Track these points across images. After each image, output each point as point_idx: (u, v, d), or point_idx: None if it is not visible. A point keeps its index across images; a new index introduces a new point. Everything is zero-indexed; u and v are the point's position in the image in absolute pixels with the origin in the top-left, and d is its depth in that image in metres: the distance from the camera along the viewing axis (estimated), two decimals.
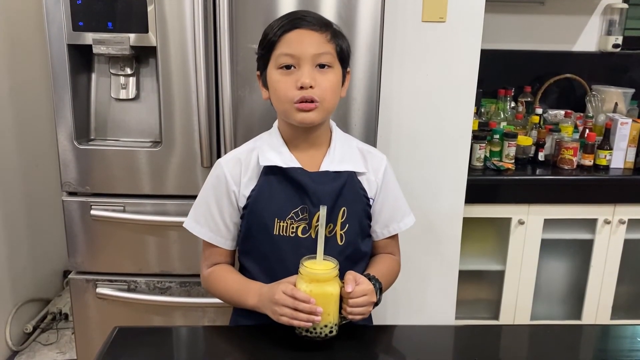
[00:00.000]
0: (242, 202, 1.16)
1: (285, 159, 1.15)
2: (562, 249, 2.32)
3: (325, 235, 1.14)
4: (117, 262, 1.81)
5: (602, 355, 1.06)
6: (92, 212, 1.73)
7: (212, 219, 1.18)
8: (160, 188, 1.74)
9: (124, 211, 1.75)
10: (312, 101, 1.08)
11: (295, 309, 0.99)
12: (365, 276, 1.07)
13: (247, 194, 1.15)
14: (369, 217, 1.21)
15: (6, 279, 2.35)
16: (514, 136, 2.26)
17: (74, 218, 1.75)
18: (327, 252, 1.04)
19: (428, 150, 1.90)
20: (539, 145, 2.32)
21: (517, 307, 2.29)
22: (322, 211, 1.02)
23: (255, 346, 1.06)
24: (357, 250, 1.18)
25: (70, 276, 1.81)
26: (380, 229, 1.24)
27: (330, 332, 1.03)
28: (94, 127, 1.78)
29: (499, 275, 2.27)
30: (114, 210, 1.74)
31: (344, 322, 1.06)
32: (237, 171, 1.17)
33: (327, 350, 1.04)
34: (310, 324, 1.00)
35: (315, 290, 1.00)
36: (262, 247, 1.15)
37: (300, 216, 1.13)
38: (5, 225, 2.34)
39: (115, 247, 1.79)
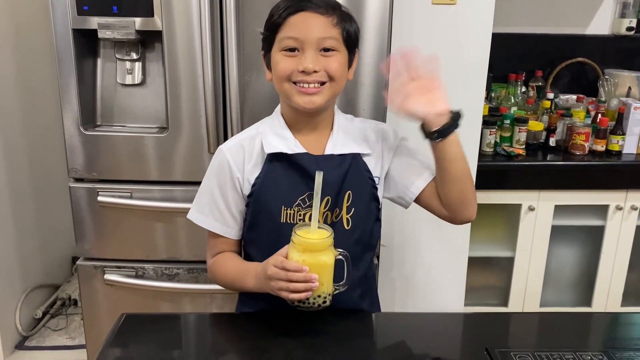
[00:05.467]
0: (247, 190, 1.14)
1: (290, 144, 1.13)
2: (572, 236, 2.30)
3: (332, 220, 1.12)
4: (125, 248, 1.80)
5: (613, 343, 1.04)
6: (99, 198, 1.73)
7: (216, 207, 1.16)
8: (167, 174, 1.73)
9: (131, 197, 1.74)
10: (316, 85, 1.06)
11: (290, 281, 0.96)
12: None
13: (252, 181, 1.13)
14: (377, 200, 1.18)
15: (15, 264, 2.36)
16: (524, 121, 2.23)
17: (81, 204, 1.75)
18: (334, 237, 1.01)
19: None
20: (550, 130, 2.29)
21: (526, 293, 2.28)
22: (318, 177, 0.98)
23: (261, 333, 1.05)
24: (365, 234, 1.16)
25: (78, 262, 1.82)
26: (418, 182, 1.17)
27: (324, 302, 1.01)
28: (100, 112, 1.77)
29: (509, 262, 2.26)
30: (120, 197, 1.73)
31: (337, 291, 1.03)
32: (241, 158, 1.14)
33: (334, 337, 1.03)
34: (310, 293, 0.97)
35: (309, 260, 0.96)
36: (268, 236, 1.13)
37: (308, 203, 1.11)
38: (14, 210, 2.34)
39: (122, 234, 1.78)
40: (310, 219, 1.07)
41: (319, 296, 1.00)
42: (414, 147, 1.21)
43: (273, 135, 1.14)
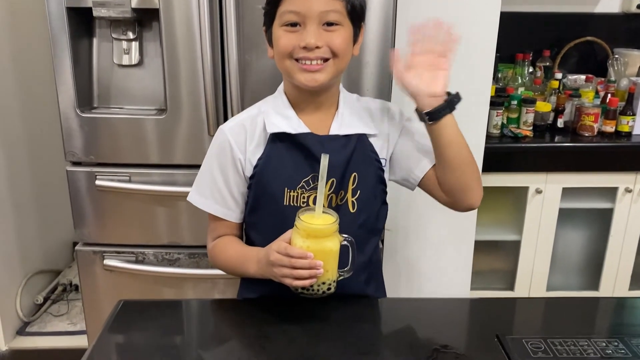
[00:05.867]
0: (249, 171, 1.10)
1: (293, 124, 1.08)
2: (580, 219, 2.27)
3: (337, 203, 1.08)
4: (125, 233, 1.77)
5: (627, 329, 1.00)
6: (97, 182, 1.69)
7: (217, 190, 1.12)
8: (166, 157, 1.69)
9: (129, 181, 1.70)
10: (319, 62, 1.01)
11: (293, 267, 0.93)
12: None
13: (254, 162, 1.09)
14: (383, 182, 1.14)
15: (15, 250, 2.34)
16: (532, 102, 2.19)
17: (79, 188, 1.72)
18: (339, 221, 0.97)
19: None
20: (558, 111, 2.25)
21: (533, 277, 2.25)
22: (324, 160, 0.94)
23: (263, 320, 1.02)
24: (371, 218, 1.13)
25: (77, 248, 1.79)
26: (422, 164, 1.13)
27: (329, 289, 0.98)
28: (96, 94, 1.73)
29: (515, 246, 2.23)
30: (119, 181, 1.70)
31: (341, 277, 1.00)
32: (242, 138, 1.10)
33: (338, 323, 0.99)
34: (314, 280, 0.94)
35: (313, 246, 0.93)
36: (271, 219, 1.09)
37: (312, 185, 1.07)
38: (12, 195, 2.31)
39: (122, 218, 1.75)
40: (314, 202, 1.03)
41: (323, 283, 0.97)
42: (420, 127, 1.16)
43: (276, 114, 1.10)
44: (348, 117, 1.11)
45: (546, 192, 2.14)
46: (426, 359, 0.90)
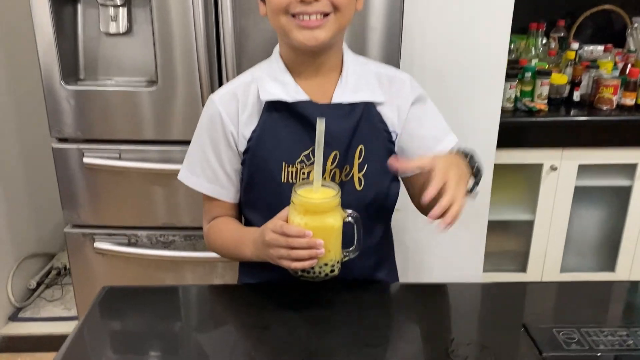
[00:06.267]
0: (242, 145, 0.99)
1: (290, 90, 0.97)
2: (597, 197, 2.17)
3: (342, 179, 0.97)
4: (116, 214, 1.67)
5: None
6: (85, 160, 1.59)
7: (209, 167, 1.01)
8: (159, 132, 1.58)
9: (119, 158, 1.59)
10: (318, 17, 0.89)
11: (291, 247, 0.84)
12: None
13: (248, 135, 0.98)
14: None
15: (5, 232, 2.24)
16: (547, 74, 2.08)
17: (66, 167, 1.61)
18: (344, 199, 0.87)
19: (456, 89, 1.71)
20: (575, 83, 2.12)
21: (546, 258, 2.16)
22: (320, 125, 0.83)
23: (262, 307, 0.92)
24: (381, 196, 1.02)
25: (65, 230, 1.69)
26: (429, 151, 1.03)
27: (332, 271, 0.88)
28: (82, 65, 1.61)
29: (528, 226, 2.13)
30: (109, 158, 1.59)
31: (346, 258, 0.90)
32: (234, 108, 0.99)
33: (344, 311, 0.89)
34: (315, 261, 0.84)
35: (312, 223, 0.84)
36: (268, 198, 0.99)
37: (312, 159, 0.97)
38: (2, 176, 2.20)
39: (113, 198, 1.65)
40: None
41: (326, 264, 0.87)
42: (430, 108, 1.05)
43: (271, 80, 0.98)
44: (353, 83, 0.99)
45: (561, 169, 2.04)
46: (445, 351, 0.80)
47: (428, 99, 1.06)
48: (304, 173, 0.97)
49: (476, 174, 0.90)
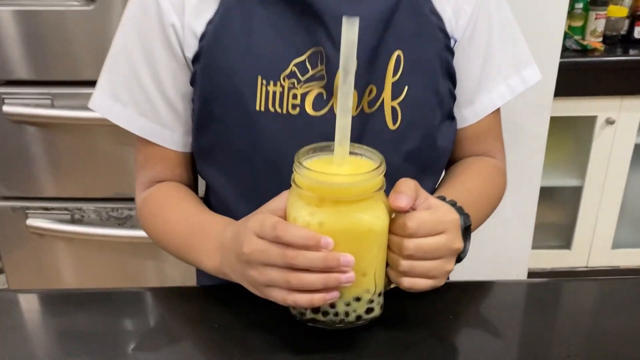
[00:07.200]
0: (191, 49, 0.60)
1: None
2: None
3: (362, 111, 0.60)
4: (54, 182, 1.35)
5: None
6: (5, 108, 1.27)
7: (139, 89, 0.62)
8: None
9: (52, 106, 1.25)
10: None
11: (292, 267, 0.46)
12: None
13: (200, 29, 0.59)
14: (450, 75, 0.64)
15: None
16: (603, 5, 1.83)
17: None
18: (367, 143, 0.52)
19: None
20: (635, 17, 1.85)
21: (595, 232, 1.92)
22: (350, 26, 0.46)
23: (220, 320, 0.55)
24: (428, 142, 0.63)
25: None
26: (469, 98, 0.67)
27: (369, 311, 0.51)
28: None
29: (575, 193, 1.88)
30: (38, 106, 1.26)
31: (392, 286, 0.53)
32: None
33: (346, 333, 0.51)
34: (336, 294, 0.47)
35: (333, 222, 0.47)
36: (236, 140, 0.60)
37: (311, 71, 0.58)
38: None
39: (49, 162, 1.33)
40: (315, 104, 0.58)
41: (358, 299, 0.50)
42: (506, 18, 0.67)
43: None
44: None
45: (619, 123, 1.78)
46: None
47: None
48: (295, 97, 0.58)
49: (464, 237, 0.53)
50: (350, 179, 0.46)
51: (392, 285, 0.52)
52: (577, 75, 1.73)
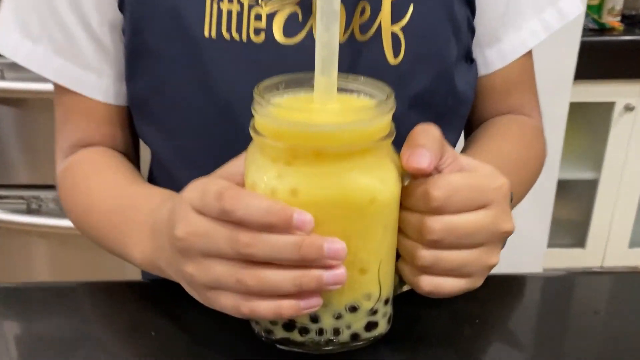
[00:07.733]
0: None
1: None
2: None
3: (353, 37, 0.46)
4: (6, 168, 1.24)
5: None
6: None
7: (53, 16, 0.47)
8: None
9: (2, 77, 1.11)
10: None
11: (249, 258, 0.31)
12: None
13: None
14: (470, 1, 0.49)
15: None
16: None
17: None
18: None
19: None
20: None
21: (611, 229, 1.84)
22: None
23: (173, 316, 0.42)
24: (442, 83, 0.48)
25: None
26: (494, 35, 0.53)
27: (370, 328, 0.35)
28: None
29: (590, 186, 1.81)
30: None
31: (404, 288, 0.37)
32: None
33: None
34: (319, 302, 0.31)
35: (312, 186, 0.32)
36: (177, 81, 0.46)
37: None
38: None
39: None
40: (287, 31, 0.44)
41: (354, 308, 0.34)
42: None
43: None
44: None
45: (639, 109, 1.70)
46: None
47: None
48: (259, 17, 0.43)
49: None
50: (340, 119, 0.31)
51: (406, 288, 0.36)
52: (595, 57, 1.63)
